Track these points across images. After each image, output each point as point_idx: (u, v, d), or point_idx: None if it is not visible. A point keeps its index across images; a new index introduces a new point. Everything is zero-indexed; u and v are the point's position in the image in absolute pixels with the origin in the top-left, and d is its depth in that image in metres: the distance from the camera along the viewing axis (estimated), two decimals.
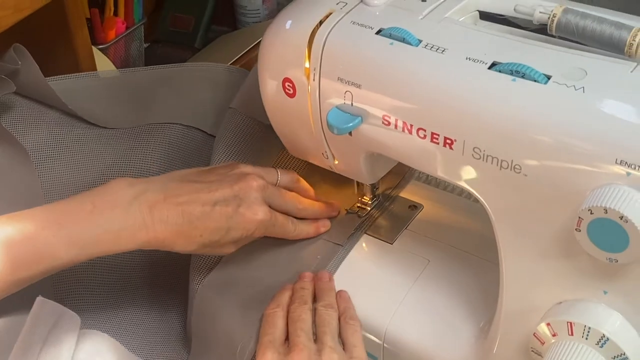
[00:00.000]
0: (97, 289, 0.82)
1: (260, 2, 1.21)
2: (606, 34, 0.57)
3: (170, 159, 0.87)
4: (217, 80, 0.92)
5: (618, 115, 0.53)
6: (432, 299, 0.71)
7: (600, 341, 0.56)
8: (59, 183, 0.83)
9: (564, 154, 0.53)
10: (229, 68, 0.95)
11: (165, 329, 0.82)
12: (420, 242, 0.76)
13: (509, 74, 0.56)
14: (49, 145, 0.83)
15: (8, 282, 0.64)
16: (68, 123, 0.85)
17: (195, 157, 0.88)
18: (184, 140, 0.89)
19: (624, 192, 0.51)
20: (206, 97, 0.92)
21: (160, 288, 0.84)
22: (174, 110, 0.89)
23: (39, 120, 0.84)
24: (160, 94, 0.90)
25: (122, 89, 0.90)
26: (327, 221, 0.79)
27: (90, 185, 0.83)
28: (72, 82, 0.87)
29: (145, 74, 0.91)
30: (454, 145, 0.59)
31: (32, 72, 0.81)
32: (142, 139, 0.87)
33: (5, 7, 0.76)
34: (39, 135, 0.83)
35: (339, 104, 0.65)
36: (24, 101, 0.84)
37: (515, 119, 0.55)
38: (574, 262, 0.56)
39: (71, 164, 0.84)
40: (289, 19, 0.68)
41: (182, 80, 0.92)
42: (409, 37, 0.61)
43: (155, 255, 0.76)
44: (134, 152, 0.86)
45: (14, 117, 0.82)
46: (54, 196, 0.81)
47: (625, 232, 0.51)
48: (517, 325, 0.61)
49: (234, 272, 0.76)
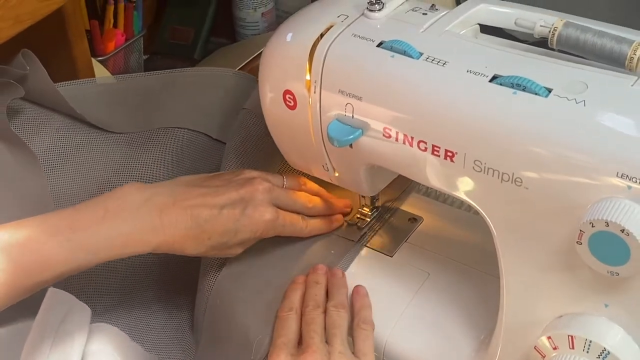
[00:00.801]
0: (107, 289, 0.82)
1: (259, 14, 1.21)
2: (607, 48, 0.57)
3: (177, 164, 0.88)
4: (224, 85, 0.93)
5: (619, 128, 0.53)
6: (432, 312, 0.71)
7: (601, 355, 0.55)
8: (68, 187, 0.83)
9: (565, 167, 0.53)
10: (236, 73, 0.95)
11: (174, 328, 0.82)
12: (420, 255, 0.76)
13: (509, 87, 0.56)
14: (57, 150, 0.84)
15: (21, 287, 0.65)
16: (76, 128, 0.86)
17: (201, 162, 0.89)
18: (190, 144, 0.90)
19: (625, 205, 0.51)
20: (213, 102, 0.92)
21: (169, 287, 0.85)
22: (181, 114, 0.90)
23: (47, 125, 0.84)
24: (168, 98, 0.91)
25: (130, 94, 0.91)
26: (339, 216, 0.80)
27: (99, 189, 0.84)
28: (80, 87, 0.88)
29: (152, 78, 0.92)
30: (454, 158, 0.59)
31: (41, 77, 0.82)
32: (149, 143, 0.88)
33: (5, 19, 0.76)
34: (47, 140, 0.84)
35: (340, 117, 0.65)
36: (33, 106, 0.84)
37: (516, 131, 0.55)
38: (575, 275, 0.56)
39: (79, 168, 0.85)
40: (290, 32, 0.68)
41: (189, 84, 0.93)
42: (410, 50, 0.61)
43: (165, 256, 0.76)
44: (141, 157, 0.87)
45: (23, 122, 0.83)
46: (62, 200, 0.82)
47: (627, 245, 0.51)
48: (518, 338, 0.61)
49: (246, 269, 0.77)
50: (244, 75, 0.95)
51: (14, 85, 0.79)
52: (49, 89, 0.83)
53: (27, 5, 0.79)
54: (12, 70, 0.81)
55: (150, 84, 0.91)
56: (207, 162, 0.89)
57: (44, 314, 0.66)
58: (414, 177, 0.64)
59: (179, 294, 0.85)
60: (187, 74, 0.94)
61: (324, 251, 0.77)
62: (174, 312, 0.84)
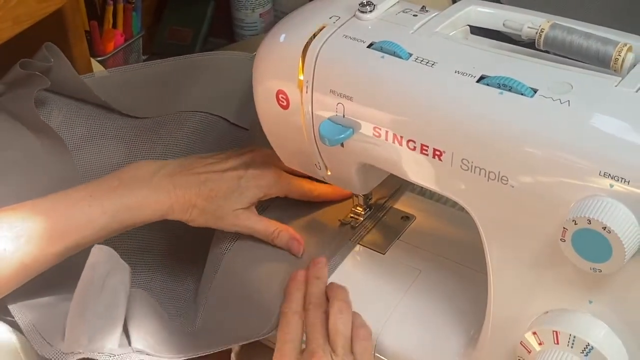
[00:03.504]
0: (141, 264, 0.85)
1: (257, 15, 1.22)
2: (592, 49, 0.58)
3: (195, 145, 0.91)
4: (242, 69, 0.95)
5: (602, 128, 0.54)
6: (423, 309, 0.72)
7: (585, 350, 0.57)
8: (95, 169, 0.87)
9: (550, 165, 0.55)
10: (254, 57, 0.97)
11: (183, 296, 0.84)
12: (411, 252, 0.77)
13: (496, 87, 0.57)
14: (83, 136, 0.89)
15: (49, 252, 0.70)
16: (100, 115, 0.90)
17: (218, 145, 0.91)
18: (209, 128, 0.93)
19: (607, 203, 0.52)
20: (231, 86, 0.95)
21: (199, 259, 0.87)
22: (201, 99, 0.94)
23: (73, 113, 0.89)
24: (187, 83, 0.95)
25: (150, 80, 0.95)
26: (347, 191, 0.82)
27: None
28: (103, 76, 0.93)
29: (172, 64, 0.96)
30: (442, 157, 0.60)
31: (65, 68, 0.87)
32: (169, 126, 0.92)
33: (4, 20, 0.77)
34: (73, 127, 0.88)
35: (331, 116, 0.66)
36: (57, 97, 0.88)
37: (503, 131, 0.56)
38: (560, 272, 0.57)
39: (103, 152, 0.89)
40: (283, 33, 0.69)
41: (209, 69, 0.96)
42: (400, 50, 0.62)
43: (195, 231, 0.79)
44: (162, 139, 0.91)
45: (49, 112, 0.87)
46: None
47: (609, 242, 0.52)
48: (505, 334, 0.62)
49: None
50: None
51: (40, 77, 0.83)
52: (73, 79, 0.88)
53: (27, 6, 0.80)
54: (37, 63, 0.85)
55: (169, 70, 0.96)
56: (224, 145, 0.91)
57: (90, 270, 0.69)
58: (403, 176, 0.65)
59: (188, 265, 0.87)
60: (207, 58, 0.97)
61: (317, 249, 0.78)
62: (183, 281, 0.86)
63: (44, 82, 0.83)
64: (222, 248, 0.79)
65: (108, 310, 0.69)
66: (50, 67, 0.86)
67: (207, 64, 0.96)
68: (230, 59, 0.97)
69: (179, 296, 0.84)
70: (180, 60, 0.96)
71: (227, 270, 0.78)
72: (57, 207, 0.71)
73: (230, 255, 0.79)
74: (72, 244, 0.70)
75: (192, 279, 0.85)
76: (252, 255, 0.78)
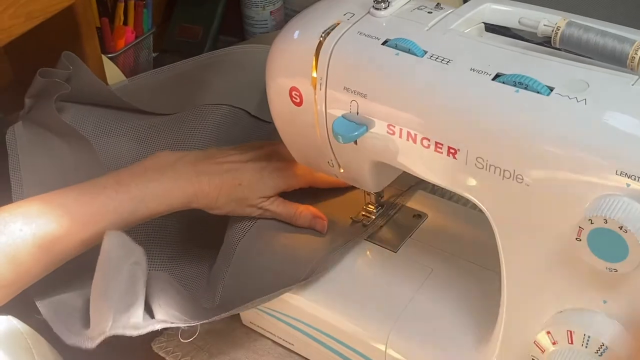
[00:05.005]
0: (162, 245, 0.87)
1: (268, 13, 1.22)
2: (609, 47, 0.58)
3: (218, 137, 0.93)
4: (264, 62, 0.96)
5: (619, 127, 0.54)
6: (434, 307, 0.72)
7: (600, 350, 0.56)
8: (121, 163, 0.89)
9: (566, 164, 0.54)
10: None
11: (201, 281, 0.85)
12: (423, 251, 0.77)
13: (512, 85, 0.57)
14: (106, 136, 0.91)
15: (78, 239, 0.71)
16: (122, 117, 0.93)
17: (240, 137, 0.93)
18: (231, 120, 0.95)
19: (624, 202, 0.51)
20: (251, 79, 0.96)
21: (195, 242, 0.88)
22: (224, 92, 0.96)
23: (97, 117, 0.92)
24: (209, 77, 0.97)
25: (172, 79, 0.97)
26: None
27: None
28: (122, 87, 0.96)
29: (192, 62, 0.99)
30: (457, 155, 0.60)
31: (84, 74, 0.89)
32: (192, 121, 0.94)
33: (17, 16, 0.77)
34: (98, 130, 0.91)
35: (345, 113, 0.66)
36: (79, 104, 0.91)
37: (518, 129, 0.56)
38: (575, 271, 0.57)
39: (127, 149, 0.91)
40: (297, 29, 0.69)
41: (231, 62, 0.99)
42: (415, 48, 0.62)
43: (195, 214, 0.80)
44: (185, 133, 0.93)
45: (72, 117, 0.90)
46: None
47: (625, 242, 0.51)
48: (518, 333, 0.62)
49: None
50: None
51: (60, 83, 0.85)
52: (95, 83, 0.91)
53: (39, 3, 0.80)
54: (57, 71, 0.87)
55: (188, 68, 0.98)
56: (249, 138, 0.93)
57: (105, 254, 0.69)
58: (417, 174, 0.65)
59: (205, 250, 0.87)
60: (226, 53, 1.00)
61: (328, 246, 0.78)
62: (199, 265, 0.87)
63: (65, 88, 0.86)
64: (240, 228, 0.81)
65: (129, 289, 0.69)
66: (70, 75, 0.88)
67: (228, 58, 0.99)
68: (252, 52, 0.99)
69: (198, 280, 0.84)
70: (199, 59, 0.99)
71: (246, 248, 0.80)
72: (85, 194, 0.72)
73: (249, 235, 0.80)
74: (100, 230, 0.71)
75: (209, 265, 0.85)
76: (270, 235, 0.80)
